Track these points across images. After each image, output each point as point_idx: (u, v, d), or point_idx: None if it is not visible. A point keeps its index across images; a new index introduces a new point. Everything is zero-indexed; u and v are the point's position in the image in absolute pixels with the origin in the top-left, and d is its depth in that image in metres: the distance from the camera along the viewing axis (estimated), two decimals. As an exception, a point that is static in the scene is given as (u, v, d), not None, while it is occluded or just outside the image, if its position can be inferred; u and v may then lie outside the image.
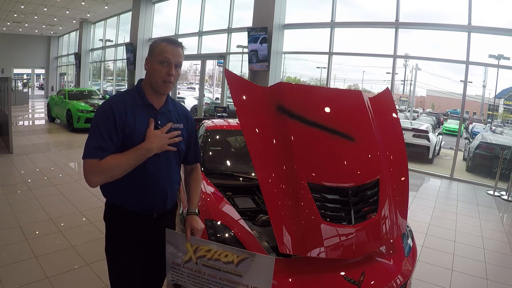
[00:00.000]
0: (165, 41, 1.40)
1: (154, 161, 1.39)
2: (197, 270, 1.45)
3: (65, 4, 12.93)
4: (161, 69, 1.36)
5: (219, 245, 1.45)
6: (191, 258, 1.45)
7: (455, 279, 2.93)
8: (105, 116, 1.32)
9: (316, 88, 2.94)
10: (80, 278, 2.56)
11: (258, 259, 1.40)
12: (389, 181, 2.09)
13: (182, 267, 1.47)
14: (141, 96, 1.42)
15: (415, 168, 7.19)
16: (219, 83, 14.96)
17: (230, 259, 1.41)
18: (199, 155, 1.67)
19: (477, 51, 6.65)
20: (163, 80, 1.37)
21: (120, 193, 1.42)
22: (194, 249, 1.44)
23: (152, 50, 1.40)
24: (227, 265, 1.42)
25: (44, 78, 22.77)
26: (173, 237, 1.47)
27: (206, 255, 1.43)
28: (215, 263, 1.43)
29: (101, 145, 1.29)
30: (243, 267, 1.40)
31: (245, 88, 2.11)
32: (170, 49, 1.37)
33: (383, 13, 7.99)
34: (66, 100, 9.72)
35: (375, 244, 1.95)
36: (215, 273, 1.44)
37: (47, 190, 4.46)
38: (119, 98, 1.40)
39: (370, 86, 15.51)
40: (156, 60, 1.37)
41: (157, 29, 12.88)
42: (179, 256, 1.47)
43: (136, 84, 1.47)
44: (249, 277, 1.40)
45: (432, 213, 4.60)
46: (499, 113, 14.97)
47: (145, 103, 1.41)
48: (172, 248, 1.47)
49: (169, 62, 1.36)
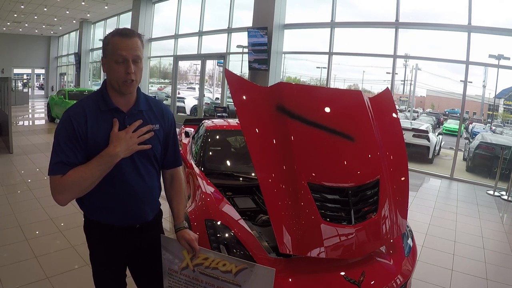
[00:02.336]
0: (117, 35, 1.22)
1: (128, 169, 1.28)
2: (194, 277, 1.42)
3: (65, 4, 12.93)
4: (118, 68, 1.21)
5: (217, 253, 1.42)
6: (188, 265, 1.41)
7: (455, 279, 2.92)
8: (63, 128, 1.20)
9: (316, 88, 2.94)
10: (80, 278, 2.56)
11: (258, 270, 1.36)
12: (389, 181, 2.09)
13: (179, 273, 1.43)
14: (105, 100, 1.26)
15: (415, 168, 7.19)
16: (219, 83, 14.96)
17: (228, 268, 1.37)
18: (179, 158, 1.52)
19: (477, 51, 6.65)
20: (123, 80, 1.22)
21: (96, 207, 1.32)
22: (191, 257, 1.40)
23: (104, 47, 1.24)
24: (225, 274, 1.38)
25: (44, 78, 22.77)
26: (169, 244, 1.43)
27: (204, 263, 1.39)
28: (212, 272, 1.39)
29: (62, 160, 1.17)
30: (242, 277, 1.36)
31: (245, 88, 2.11)
32: (123, 44, 1.20)
33: (383, 13, 7.99)
34: (66, 100, 9.72)
35: (375, 244, 1.95)
36: (213, 282, 1.40)
37: (47, 190, 4.43)
38: (78, 106, 1.25)
39: (370, 86, 15.50)
40: (112, 59, 1.21)
41: (157, 29, 12.88)
42: (175, 262, 1.43)
43: (101, 86, 1.31)
44: (249, 287, 1.36)
45: (432, 213, 4.60)
46: (499, 113, 14.96)
47: (110, 107, 1.26)
48: (168, 255, 1.44)
49: (125, 59, 1.20)
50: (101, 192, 1.26)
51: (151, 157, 1.36)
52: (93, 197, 1.28)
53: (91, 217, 1.36)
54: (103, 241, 1.37)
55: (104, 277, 1.43)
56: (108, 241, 1.37)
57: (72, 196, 1.20)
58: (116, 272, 1.44)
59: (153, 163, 1.38)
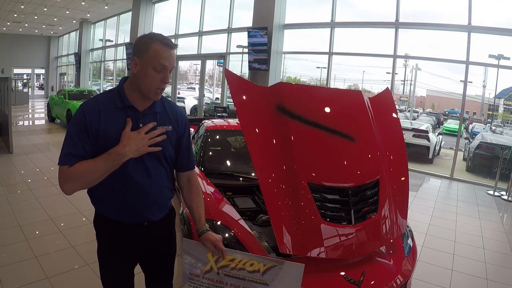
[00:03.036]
0: (159, 42, 1.22)
1: (137, 167, 1.29)
2: (219, 280, 1.38)
3: (65, 4, 12.93)
4: (155, 76, 1.22)
5: (244, 253, 1.40)
6: (211, 268, 1.37)
7: (455, 279, 2.92)
8: (76, 121, 1.23)
9: (316, 88, 2.94)
10: (80, 278, 2.56)
11: (287, 267, 1.34)
12: (389, 181, 2.09)
13: (202, 277, 1.39)
14: (122, 97, 1.27)
15: (415, 168, 7.19)
16: (219, 83, 14.96)
17: (256, 267, 1.34)
18: (193, 161, 1.52)
19: (477, 51, 6.65)
20: (156, 88, 1.24)
21: (105, 203, 1.34)
22: (215, 259, 1.37)
23: (142, 50, 1.23)
24: (252, 274, 1.35)
25: (44, 78, 22.76)
26: (191, 247, 1.40)
27: (229, 265, 1.36)
28: (239, 273, 1.36)
29: (71, 151, 1.20)
30: (270, 276, 1.34)
31: (245, 88, 2.12)
32: (166, 54, 1.22)
33: (383, 13, 7.99)
34: (66, 100, 9.72)
35: (375, 244, 1.95)
36: (239, 283, 1.37)
37: (47, 190, 4.45)
38: (93, 101, 1.28)
39: (370, 86, 15.51)
40: (150, 65, 1.21)
41: (157, 29, 12.87)
42: (198, 266, 1.39)
43: (118, 85, 1.32)
44: (276, 285, 1.34)
45: (432, 213, 4.60)
46: (499, 113, 14.96)
47: (126, 105, 1.27)
48: (190, 259, 1.40)
49: (165, 68, 1.22)
50: (108, 187, 1.28)
51: (161, 157, 1.36)
52: (101, 191, 1.30)
53: (99, 211, 1.38)
54: (110, 237, 1.38)
55: (111, 274, 1.42)
56: (115, 237, 1.37)
57: (77, 187, 1.22)
58: (123, 271, 1.43)
59: (162, 162, 1.37)
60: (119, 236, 1.37)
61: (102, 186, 1.27)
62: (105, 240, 1.40)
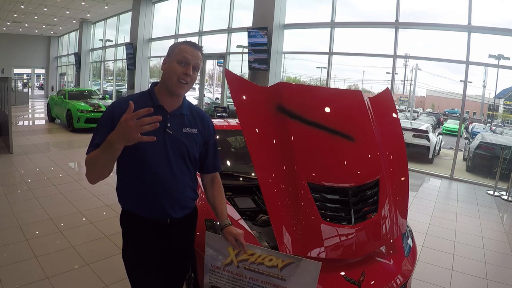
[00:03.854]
0: (185, 43, 1.38)
1: (162, 165, 1.36)
2: (238, 273, 1.44)
3: (65, 4, 12.93)
4: (178, 67, 1.33)
5: (264, 249, 1.44)
6: (232, 261, 1.43)
7: (455, 279, 2.93)
8: (105, 115, 1.33)
9: (316, 88, 2.93)
10: (80, 278, 2.56)
11: (304, 264, 1.38)
12: (389, 181, 2.09)
13: (222, 270, 1.45)
14: (152, 97, 1.37)
15: (415, 168, 7.19)
16: (219, 83, 14.97)
17: (274, 263, 1.39)
18: (219, 164, 1.62)
19: (477, 51, 6.65)
20: (178, 78, 1.33)
21: (130, 200, 1.41)
22: (236, 253, 1.42)
23: (171, 50, 1.38)
24: (270, 269, 1.39)
25: (44, 78, 22.77)
26: (213, 240, 1.45)
27: (249, 259, 1.41)
28: (258, 267, 1.40)
29: (95, 142, 1.28)
30: (288, 272, 1.38)
31: (245, 88, 2.11)
32: (189, 50, 1.35)
33: (383, 13, 7.99)
34: (66, 100, 9.73)
35: (375, 244, 1.95)
36: (257, 277, 1.42)
37: (47, 190, 4.46)
38: (124, 99, 1.35)
39: (370, 86, 15.51)
40: (174, 59, 1.34)
41: (157, 29, 12.89)
42: (219, 259, 1.45)
43: (149, 89, 1.42)
44: (293, 281, 1.38)
45: (432, 213, 4.60)
46: (499, 113, 14.97)
47: (155, 104, 1.35)
48: (212, 251, 1.45)
49: (187, 62, 1.33)
50: (132, 181, 1.37)
51: (185, 156, 1.42)
52: (125, 186, 1.39)
53: (126, 208, 1.44)
54: (137, 234, 1.42)
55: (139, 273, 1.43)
56: (141, 234, 1.42)
57: (96, 176, 1.27)
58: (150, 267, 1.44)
59: (186, 162, 1.43)
60: (143, 232, 1.41)
61: (126, 180, 1.36)
62: (132, 237, 1.44)
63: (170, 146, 1.37)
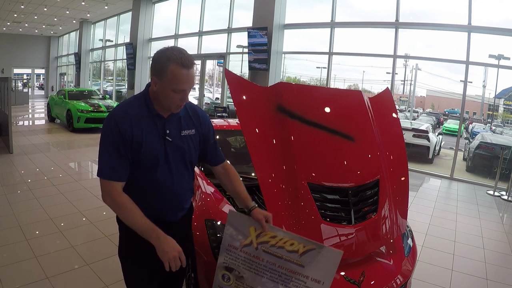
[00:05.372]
0: (176, 64, 1.22)
1: (165, 172, 1.36)
2: (256, 255, 1.39)
3: (65, 4, 12.93)
4: (175, 96, 1.27)
5: (286, 232, 1.40)
6: (251, 242, 1.38)
7: (455, 279, 2.93)
8: (110, 132, 1.27)
9: (316, 88, 2.93)
10: (80, 278, 2.56)
11: (326, 251, 1.35)
12: (389, 181, 2.09)
13: (239, 250, 1.40)
14: (149, 107, 1.33)
15: (415, 168, 7.19)
16: (219, 83, 14.97)
17: (295, 248, 1.35)
18: (222, 154, 1.61)
19: (477, 51, 6.65)
20: (176, 105, 1.30)
21: None
22: (257, 234, 1.38)
23: (161, 72, 1.24)
24: (290, 254, 1.35)
25: (44, 78, 22.77)
26: (236, 219, 1.41)
27: (270, 241, 1.37)
28: (277, 251, 1.36)
29: (114, 165, 1.26)
30: (307, 258, 1.34)
31: (245, 88, 2.11)
32: (185, 76, 1.24)
33: (383, 13, 7.99)
34: (66, 100, 9.72)
35: (375, 244, 1.95)
36: (275, 261, 1.37)
37: (47, 190, 4.46)
38: (124, 112, 1.31)
39: (370, 86, 15.51)
40: (169, 87, 1.25)
41: (157, 29, 12.88)
42: (238, 239, 1.40)
43: (144, 94, 1.36)
44: (312, 268, 1.35)
45: (432, 213, 4.60)
46: (499, 113, 14.97)
47: (153, 114, 1.33)
48: (232, 230, 1.40)
49: (184, 90, 1.27)
50: (133, 190, 1.33)
51: (186, 160, 1.43)
52: (130, 195, 1.34)
53: None
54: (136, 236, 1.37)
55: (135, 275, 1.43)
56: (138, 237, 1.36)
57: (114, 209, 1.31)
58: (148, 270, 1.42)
59: (187, 166, 1.45)
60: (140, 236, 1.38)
61: (126, 188, 1.32)
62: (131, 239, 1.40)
63: (171, 153, 1.36)
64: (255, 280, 1.40)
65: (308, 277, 1.35)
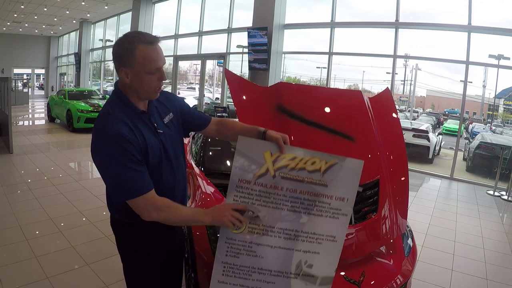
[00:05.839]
0: (143, 43, 1.15)
1: (167, 168, 1.32)
2: (273, 185, 1.22)
3: (65, 4, 12.93)
4: (151, 79, 1.18)
5: (306, 151, 1.24)
6: (267, 170, 1.21)
7: (455, 279, 2.93)
8: (118, 147, 1.14)
9: (316, 88, 2.93)
10: (80, 278, 2.56)
11: (348, 163, 1.24)
12: (389, 181, 2.09)
13: (253, 183, 1.22)
14: (130, 107, 1.23)
15: (415, 168, 7.19)
16: (219, 83, 14.96)
17: (317, 166, 1.22)
18: (206, 115, 1.54)
19: (477, 51, 6.65)
20: (156, 88, 1.22)
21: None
22: (274, 159, 1.21)
23: (129, 58, 1.15)
24: (312, 174, 1.22)
25: (44, 78, 22.76)
26: (247, 146, 1.22)
27: (289, 165, 1.21)
28: (298, 174, 1.22)
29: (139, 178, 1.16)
30: (330, 175, 1.23)
31: (245, 88, 2.12)
32: (155, 54, 1.17)
33: (383, 13, 7.99)
34: (66, 100, 9.73)
35: (375, 244, 1.95)
36: (296, 186, 1.23)
37: (47, 190, 4.46)
38: (117, 121, 1.17)
39: (370, 86, 15.48)
40: (143, 71, 1.16)
41: (157, 29, 12.88)
42: (251, 170, 1.21)
43: (118, 96, 1.24)
44: (335, 186, 1.24)
45: (432, 213, 4.60)
46: (499, 113, 14.96)
47: (137, 112, 1.25)
48: (243, 161, 1.21)
49: (159, 68, 1.19)
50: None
51: (179, 145, 1.40)
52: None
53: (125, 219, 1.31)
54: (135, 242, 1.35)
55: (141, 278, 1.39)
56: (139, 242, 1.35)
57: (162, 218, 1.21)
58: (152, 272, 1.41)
59: (181, 151, 1.42)
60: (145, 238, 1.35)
61: None
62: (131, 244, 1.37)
63: (166, 144, 1.31)
64: (273, 217, 1.23)
65: (332, 196, 1.25)
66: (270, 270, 1.26)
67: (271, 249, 1.25)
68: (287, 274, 1.27)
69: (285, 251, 1.26)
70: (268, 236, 1.24)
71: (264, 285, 1.26)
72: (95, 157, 1.18)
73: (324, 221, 1.26)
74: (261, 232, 1.24)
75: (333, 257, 1.29)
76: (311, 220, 1.25)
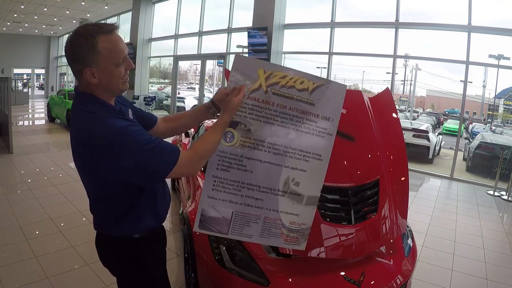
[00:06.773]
0: (103, 34, 1.06)
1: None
2: (265, 100, 1.30)
3: (65, 4, 12.93)
4: (119, 69, 1.11)
5: (297, 71, 1.33)
6: (260, 86, 1.29)
7: (455, 279, 2.92)
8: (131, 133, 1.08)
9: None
10: (80, 278, 2.56)
11: (333, 86, 1.36)
12: (389, 181, 2.09)
13: (247, 98, 1.28)
14: (107, 106, 1.15)
15: (415, 168, 7.19)
16: (219, 83, 14.96)
17: (305, 86, 1.32)
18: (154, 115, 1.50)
19: (477, 51, 6.65)
20: (123, 77, 1.14)
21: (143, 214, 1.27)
22: (266, 76, 1.29)
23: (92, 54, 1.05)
24: (300, 93, 1.32)
25: (44, 78, 22.76)
26: (242, 63, 1.30)
27: (280, 82, 1.30)
28: (288, 91, 1.31)
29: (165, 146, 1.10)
30: (317, 95, 1.34)
31: (245, 88, 2.11)
32: (118, 41, 1.10)
33: (383, 13, 7.99)
34: (66, 100, 9.72)
35: (375, 244, 1.95)
36: (286, 103, 1.31)
37: (47, 190, 4.45)
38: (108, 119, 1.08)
39: (370, 86, 15.47)
40: (111, 64, 1.08)
41: (157, 29, 12.88)
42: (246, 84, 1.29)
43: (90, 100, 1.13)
44: (321, 105, 1.34)
45: (432, 213, 4.60)
46: (499, 113, 14.96)
47: (116, 111, 1.17)
48: (238, 76, 1.28)
49: (124, 56, 1.11)
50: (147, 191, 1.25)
51: None
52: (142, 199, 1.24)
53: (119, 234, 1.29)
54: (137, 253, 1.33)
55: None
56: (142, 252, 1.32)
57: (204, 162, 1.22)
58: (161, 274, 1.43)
59: None
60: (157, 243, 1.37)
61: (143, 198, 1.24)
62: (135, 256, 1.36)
63: None
64: (264, 130, 1.30)
65: (318, 115, 1.35)
66: (259, 186, 1.32)
67: (261, 163, 1.30)
68: (275, 191, 1.34)
69: (274, 167, 1.32)
70: (258, 150, 1.30)
71: (252, 201, 1.32)
72: (117, 163, 1.06)
73: (311, 138, 1.35)
74: (252, 146, 1.29)
75: (319, 176, 1.40)
76: (299, 137, 1.33)
